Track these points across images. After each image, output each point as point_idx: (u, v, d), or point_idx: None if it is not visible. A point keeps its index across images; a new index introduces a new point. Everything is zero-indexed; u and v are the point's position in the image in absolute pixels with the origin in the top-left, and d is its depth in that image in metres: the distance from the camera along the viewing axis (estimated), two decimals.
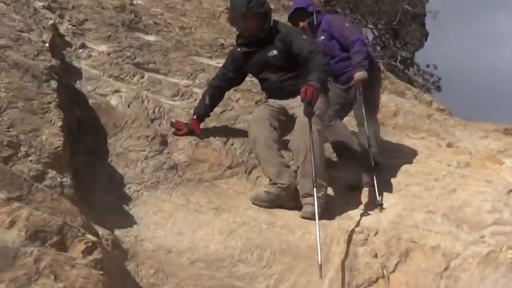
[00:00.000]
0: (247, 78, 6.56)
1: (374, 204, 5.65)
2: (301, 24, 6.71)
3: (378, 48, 16.33)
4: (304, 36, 5.98)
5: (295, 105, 5.71)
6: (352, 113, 6.78)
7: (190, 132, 5.88)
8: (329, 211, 5.40)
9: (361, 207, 5.68)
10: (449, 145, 7.54)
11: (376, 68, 6.94)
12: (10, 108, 4.48)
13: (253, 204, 5.36)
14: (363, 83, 6.33)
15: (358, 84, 6.36)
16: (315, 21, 6.72)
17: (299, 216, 5.28)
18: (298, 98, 5.52)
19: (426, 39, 17.23)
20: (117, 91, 5.92)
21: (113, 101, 5.77)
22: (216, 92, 6.14)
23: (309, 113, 5.39)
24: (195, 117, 6.00)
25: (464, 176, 6.15)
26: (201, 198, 5.23)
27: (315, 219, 4.93)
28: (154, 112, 5.91)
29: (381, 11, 15.51)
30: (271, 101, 5.99)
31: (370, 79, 6.38)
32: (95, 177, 5.00)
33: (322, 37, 6.65)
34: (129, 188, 5.09)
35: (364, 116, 6.29)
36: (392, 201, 5.74)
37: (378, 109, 6.94)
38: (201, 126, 6.01)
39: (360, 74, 6.31)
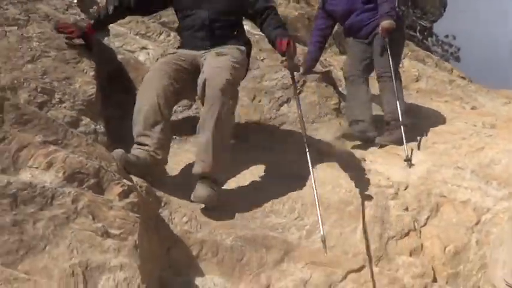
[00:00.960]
0: None
1: (402, 160, 5.62)
2: None
3: None
4: None
5: (210, 61, 4.81)
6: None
7: (85, 37, 5.03)
8: (358, 166, 5.39)
9: (390, 163, 5.64)
10: (473, 108, 7.51)
11: (401, 26, 6.80)
12: (43, 56, 4.50)
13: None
14: (389, 33, 6.20)
15: (384, 33, 6.22)
16: None
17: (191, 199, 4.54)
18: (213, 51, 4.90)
19: (445, 9, 17.13)
20: (144, 48, 5.92)
21: (141, 57, 5.77)
22: (122, 9, 5.14)
23: (294, 67, 5.21)
24: (92, 21, 5.14)
25: (491, 135, 6.13)
26: (232, 152, 5.22)
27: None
28: None
29: None
30: (181, 52, 5.09)
31: (395, 35, 6.29)
32: (125, 129, 4.97)
33: None
34: None
35: (392, 69, 6.18)
36: (420, 157, 5.72)
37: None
38: None
39: (387, 23, 6.19)
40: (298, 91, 5.83)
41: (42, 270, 3.09)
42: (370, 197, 5.01)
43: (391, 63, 6.17)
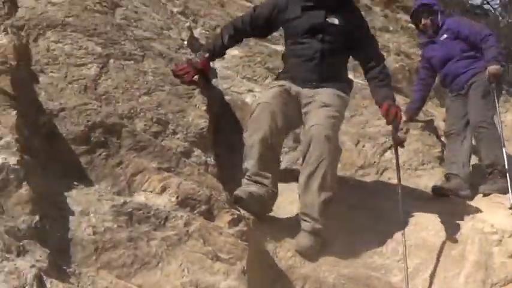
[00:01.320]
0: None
1: (507, 208, 5.50)
2: (423, 21, 6.70)
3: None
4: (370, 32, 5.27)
5: (315, 113, 4.71)
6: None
7: (200, 73, 5.14)
8: (461, 212, 5.33)
9: (493, 210, 5.54)
10: None
11: (504, 75, 6.93)
12: (158, 90, 4.68)
13: None
14: (496, 78, 6.13)
15: (491, 78, 6.11)
16: (439, 21, 6.66)
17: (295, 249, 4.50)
18: (326, 91, 4.81)
19: None
20: (250, 90, 6.05)
21: (248, 99, 5.89)
22: (238, 36, 5.28)
23: (398, 140, 4.99)
24: (207, 55, 5.21)
25: None
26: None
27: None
28: None
29: (499, 34, 15.18)
30: (288, 85, 4.91)
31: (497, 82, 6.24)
32: (233, 166, 5.09)
33: (445, 35, 6.57)
34: None
35: (491, 116, 6.07)
36: None
37: None
38: None
39: (496, 68, 6.12)
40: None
41: (155, 285, 3.21)
42: (474, 243, 4.91)
43: (497, 109, 6.12)
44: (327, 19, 4.87)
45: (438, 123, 7.25)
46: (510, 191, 5.62)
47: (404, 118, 6.46)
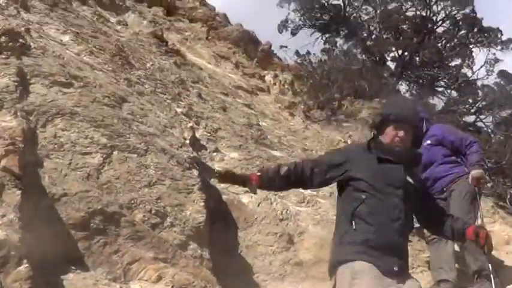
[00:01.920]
0: None
1: None
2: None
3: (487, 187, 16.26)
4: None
5: None
6: None
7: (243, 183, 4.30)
8: None
9: None
10: None
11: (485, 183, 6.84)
12: (158, 184, 4.78)
13: None
14: (479, 183, 6.12)
15: (475, 182, 6.07)
16: (424, 128, 6.40)
17: None
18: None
19: None
20: (247, 191, 6.13)
21: (244, 199, 5.98)
22: (294, 179, 4.10)
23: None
24: (259, 174, 4.18)
25: None
26: None
27: None
28: (282, 213, 6.08)
29: (490, 150, 15.47)
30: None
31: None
32: (226, 263, 5.13)
33: (429, 141, 6.48)
34: (258, 277, 5.21)
35: (479, 218, 6.05)
36: None
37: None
38: None
39: (479, 172, 6.10)
40: None
41: None
42: None
43: (478, 213, 6.09)
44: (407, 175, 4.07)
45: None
46: None
47: None
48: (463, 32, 20.56)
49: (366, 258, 3.63)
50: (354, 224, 3.75)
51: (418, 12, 20.41)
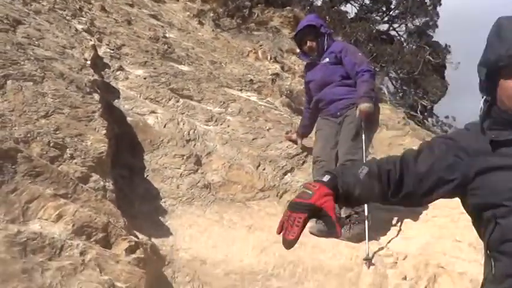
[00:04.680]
0: (276, 112, 6.72)
1: (402, 232, 5.66)
2: (308, 43, 6.31)
3: (398, 97, 16.58)
4: None
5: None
6: None
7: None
8: (360, 236, 5.45)
9: (389, 234, 5.69)
10: None
11: (378, 110, 6.23)
12: (57, 113, 4.62)
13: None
14: (367, 117, 5.78)
15: (363, 116, 5.74)
16: (325, 44, 6.31)
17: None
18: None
19: (446, 91, 17.41)
20: (153, 112, 6.05)
21: (150, 120, 5.89)
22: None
23: None
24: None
25: None
26: (234, 216, 5.31)
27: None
28: (189, 134, 6.02)
29: (403, 60, 15.70)
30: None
31: (370, 119, 5.88)
32: (132, 189, 5.09)
33: (327, 59, 6.22)
34: (165, 202, 5.18)
35: (361, 156, 5.66)
36: (420, 230, 5.76)
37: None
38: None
39: (367, 106, 5.74)
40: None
41: None
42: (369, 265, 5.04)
43: (363, 149, 5.72)
44: None
45: None
46: (367, 240, 5.30)
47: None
48: None
49: None
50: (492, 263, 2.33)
51: None
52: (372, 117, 5.85)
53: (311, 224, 5.52)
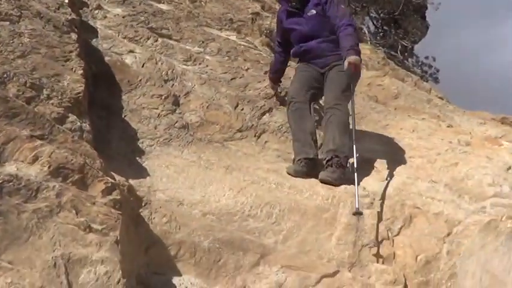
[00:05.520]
0: (255, 51, 6.68)
1: (378, 172, 5.72)
2: None
3: (379, 37, 16.60)
4: None
5: None
6: None
7: None
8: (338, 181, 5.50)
9: (366, 174, 5.74)
10: (449, 126, 7.63)
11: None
12: (33, 53, 4.59)
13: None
14: (356, 69, 5.82)
15: (352, 67, 5.73)
16: None
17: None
18: None
19: (427, 31, 17.44)
20: (131, 51, 6.02)
21: (128, 60, 5.86)
22: None
23: None
24: None
25: (466, 152, 6.25)
26: (212, 157, 5.34)
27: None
28: (167, 74, 6.00)
29: (384, 0, 15.67)
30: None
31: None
32: (109, 130, 5.10)
33: (314, 11, 6.06)
34: (142, 143, 5.20)
35: (352, 104, 5.81)
36: (396, 170, 5.83)
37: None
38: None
39: (356, 58, 5.76)
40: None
41: (25, 260, 3.19)
42: (346, 206, 5.11)
43: (353, 99, 5.88)
44: None
45: None
46: (357, 192, 5.25)
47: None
48: None
49: None
50: None
51: None
52: (359, 69, 5.91)
53: (288, 164, 5.60)
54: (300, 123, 5.81)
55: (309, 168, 5.57)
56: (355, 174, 5.34)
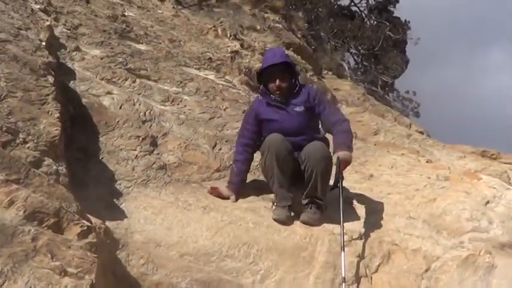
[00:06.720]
0: (234, 90, 6.73)
1: (356, 209, 5.74)
2: (278, 82, 5.63)
3: (359, 73, 16.78)
4: None
5: None
6: None
7: None
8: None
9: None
10: (428, 161, 7.71)
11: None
12: (9, 97, 4.61)
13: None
14: (346, 167, 5.52)
15: (343, 166, 5.43)
16: (297, 87, 5.78)
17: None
18: None
19: (407, 66, 17.66)
20: (109, 93, 6.05)
21: (106, 101, 5.89)
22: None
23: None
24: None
25: (444, 187, 6.30)
26: (190, 197, 5.35)
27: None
28: (145, 114, 6.04)
29: (363, 36, 15.86)
30: None
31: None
32: (86, 172, 5.10)
33: (303, 107, 5.69)
34: (120, 184, 5.20)
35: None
36: (374, 207, 5.85)
37: None
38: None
39: (349, 155, 5.50)
40: None
41: None
42: (323, 244, 5.13)
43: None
44: None
45: None
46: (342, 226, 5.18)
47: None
48: None
49: None
50: None
51: None
52: (347, 165, 5.55)
53: (266, 203, 5.60)
54: (281, 166, 5.47)
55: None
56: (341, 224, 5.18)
